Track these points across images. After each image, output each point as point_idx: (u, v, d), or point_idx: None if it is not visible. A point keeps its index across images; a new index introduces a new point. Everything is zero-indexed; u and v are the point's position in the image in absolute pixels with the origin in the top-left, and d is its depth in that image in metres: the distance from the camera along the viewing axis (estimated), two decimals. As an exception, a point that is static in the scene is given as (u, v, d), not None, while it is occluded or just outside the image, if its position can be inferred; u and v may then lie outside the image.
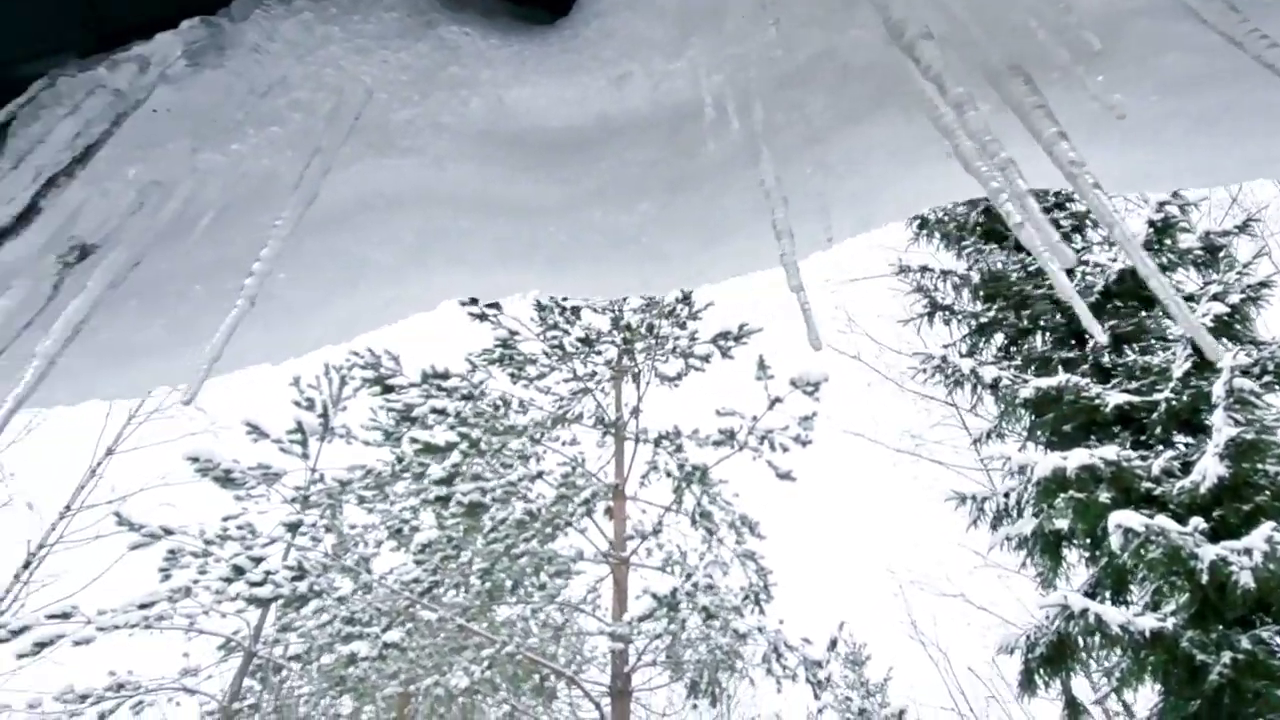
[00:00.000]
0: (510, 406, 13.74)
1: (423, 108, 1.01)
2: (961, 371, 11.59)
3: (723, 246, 1.09)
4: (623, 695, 10.52)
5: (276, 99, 1.01)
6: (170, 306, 1.26)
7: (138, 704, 10.12)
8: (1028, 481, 10.29)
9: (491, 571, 12.71)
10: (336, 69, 0.99)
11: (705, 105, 0.93)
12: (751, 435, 11.89)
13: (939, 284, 14.77)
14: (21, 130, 1.11)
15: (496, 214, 1.08)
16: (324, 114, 1.02)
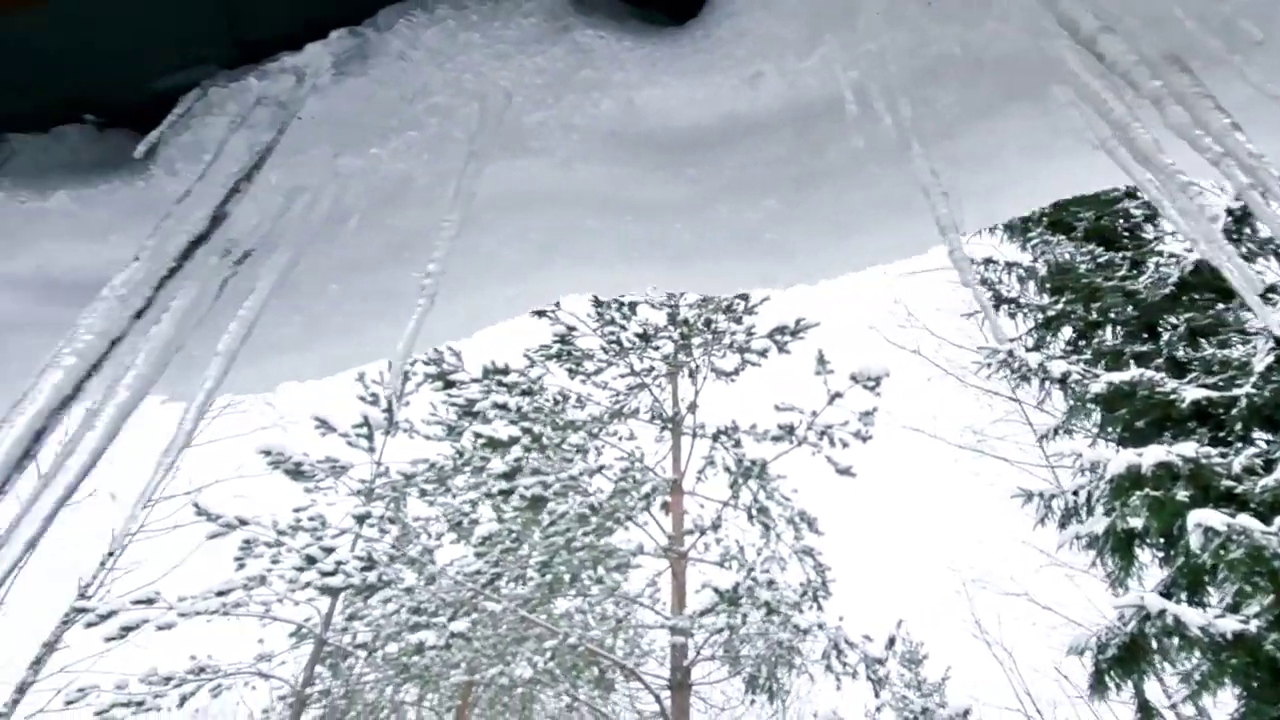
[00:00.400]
0: (568, 401, 13.87)
1: (555, 110, 1.04)
2: (1028, 366, 11.31)
3: (846, 242, 1.10)
4: (682, 688, 10.55)
5: (416, 105, 1.05)
6: (307, 304, 1.32)
7: (216, 687, 10.52)
8: (1100, 479, 10.01)
9: (550, 564, 12.86)
10: (476, 74, 1.02)
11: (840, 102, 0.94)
12: (811, 430, 11.79)
13: (1003, 276, 14.45)
14: (173, 139, 1.17)
15: (623, 212, 1.11)
16: (461, 119, 1.06)
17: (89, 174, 1.20)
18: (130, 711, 9.61)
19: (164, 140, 1.17)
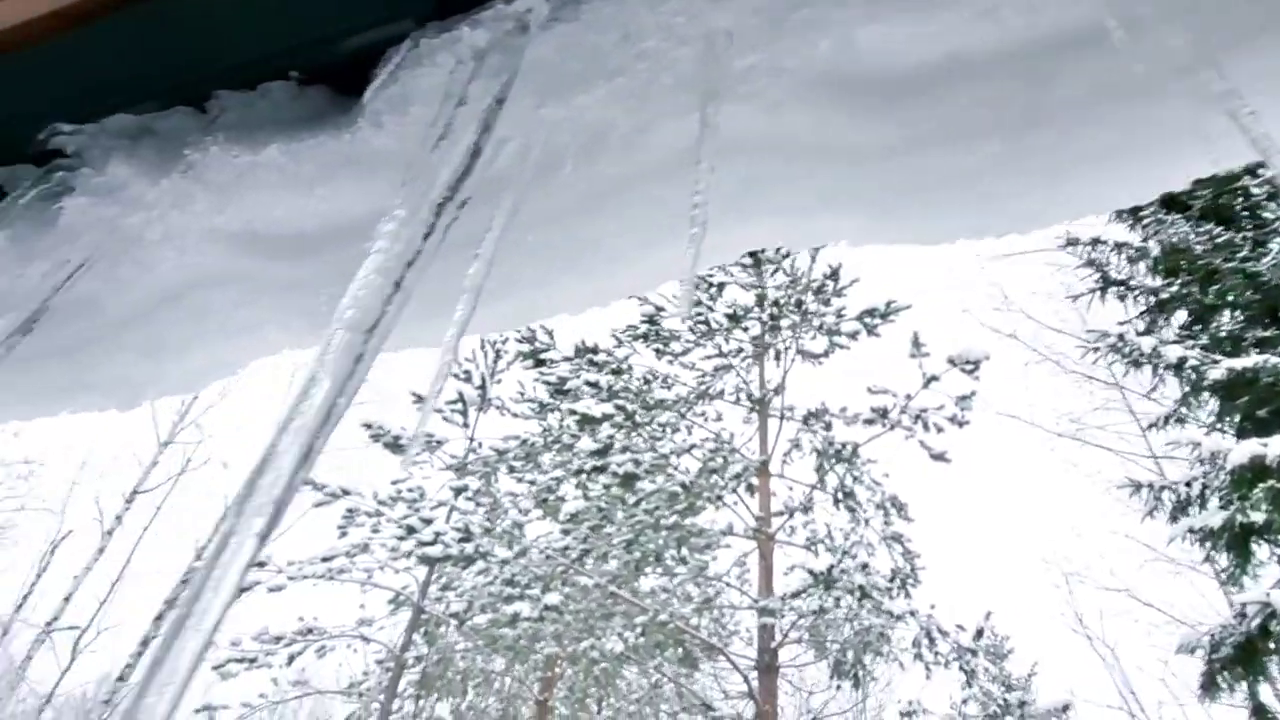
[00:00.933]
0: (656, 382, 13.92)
1: (767, 53, 1.02)
2: (1140, 351, 10.76)
3: (1064, 188, 1.05)
4: (770, 670, 10.53)
5: (626, 50, 1.05)
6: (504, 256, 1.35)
7: (320, 648, 11.04)
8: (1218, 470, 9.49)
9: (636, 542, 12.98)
10: (689, 17, 1.01)
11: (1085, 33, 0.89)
12: (904, 414, 11.52)
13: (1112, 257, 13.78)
14: (380, 93, 1.20)
15: (828, 159, 1.08)
16: (671, 63, 1.05)
17: (296, 128, 1.24)
18: (244, 667, 10.17)
19: (370, 93, 1.20)
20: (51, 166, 1.46)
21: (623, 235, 1.22)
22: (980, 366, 10.69)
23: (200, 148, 1.26)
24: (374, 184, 1.24)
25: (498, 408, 13.55)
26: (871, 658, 13.97)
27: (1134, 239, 13.83)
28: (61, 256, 1.37)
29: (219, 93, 1.31)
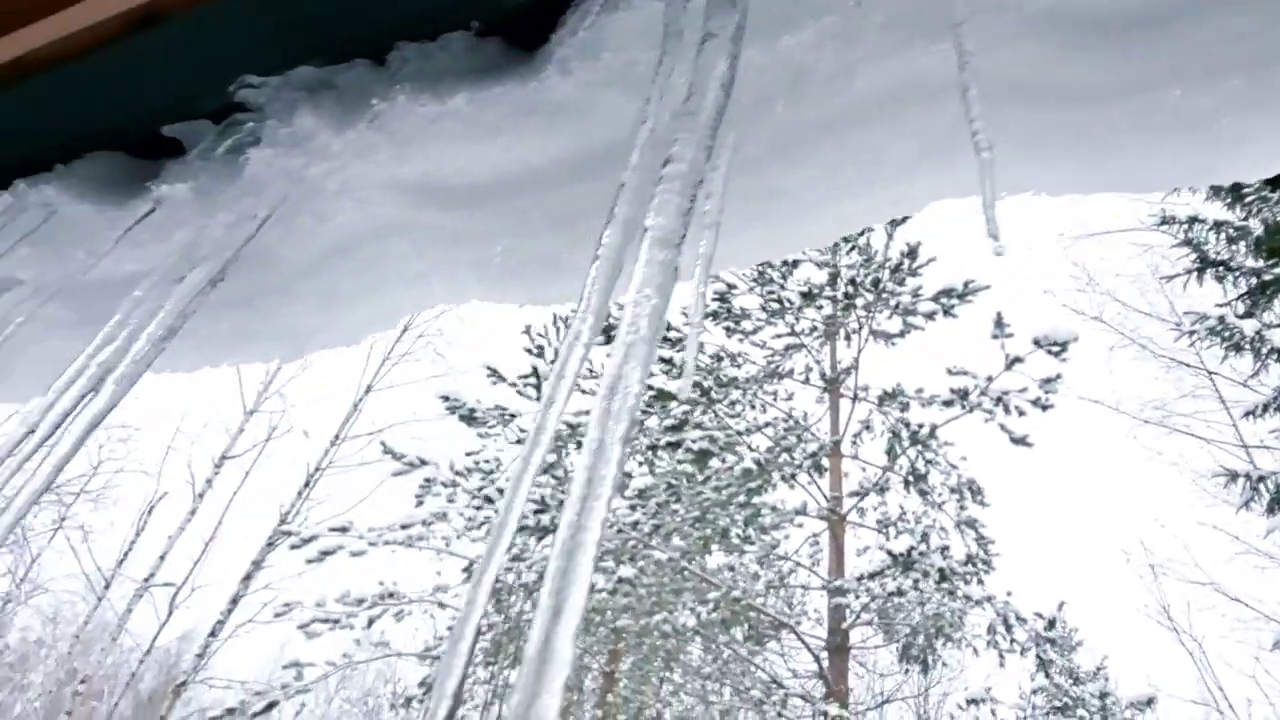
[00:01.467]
0: (726, 361, 13.84)
1: (991, -13, 0.98)
2: (1242, 334, 10.24)
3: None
4: (841, 651, 10.47)
5: (837, -13, 1.02)
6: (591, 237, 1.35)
7: (399, 612, 11.38)
8: (1326, 461, 9.01)
9: (704, 519, 13.00)
10: (908, -50, 0.98)
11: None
12: (985, 396, 11.23)
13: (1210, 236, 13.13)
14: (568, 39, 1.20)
15: (1046, 100, 1.04)
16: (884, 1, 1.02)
17: (480, 78, 1.25)
18: (327, 627, 10.56)
19: (557, 41, 1.20)
20: (231, 121, 1.51)
21: (813, 185, 1.19)
22: (1068, 348, 10.33)
23: (387, 98, 1.28)
24: (557, 133, 1.25)
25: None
26: (943, 642, 13.77)
27: (1234, 218, 13.16)
28: (246, 208, 1.42)
29: (400, 44, 1.33)
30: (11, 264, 1.63)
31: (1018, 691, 18.71)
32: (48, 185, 1.58)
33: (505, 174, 1.31)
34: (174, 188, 1.46)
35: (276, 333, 1.66)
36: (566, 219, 1.31)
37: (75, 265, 1.60)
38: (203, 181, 1.46)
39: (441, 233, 1.41)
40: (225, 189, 1.43)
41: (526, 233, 1.34)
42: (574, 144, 1.24)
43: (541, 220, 1.33)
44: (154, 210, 1.46)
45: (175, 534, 12.96)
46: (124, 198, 1.57)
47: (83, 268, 1.61)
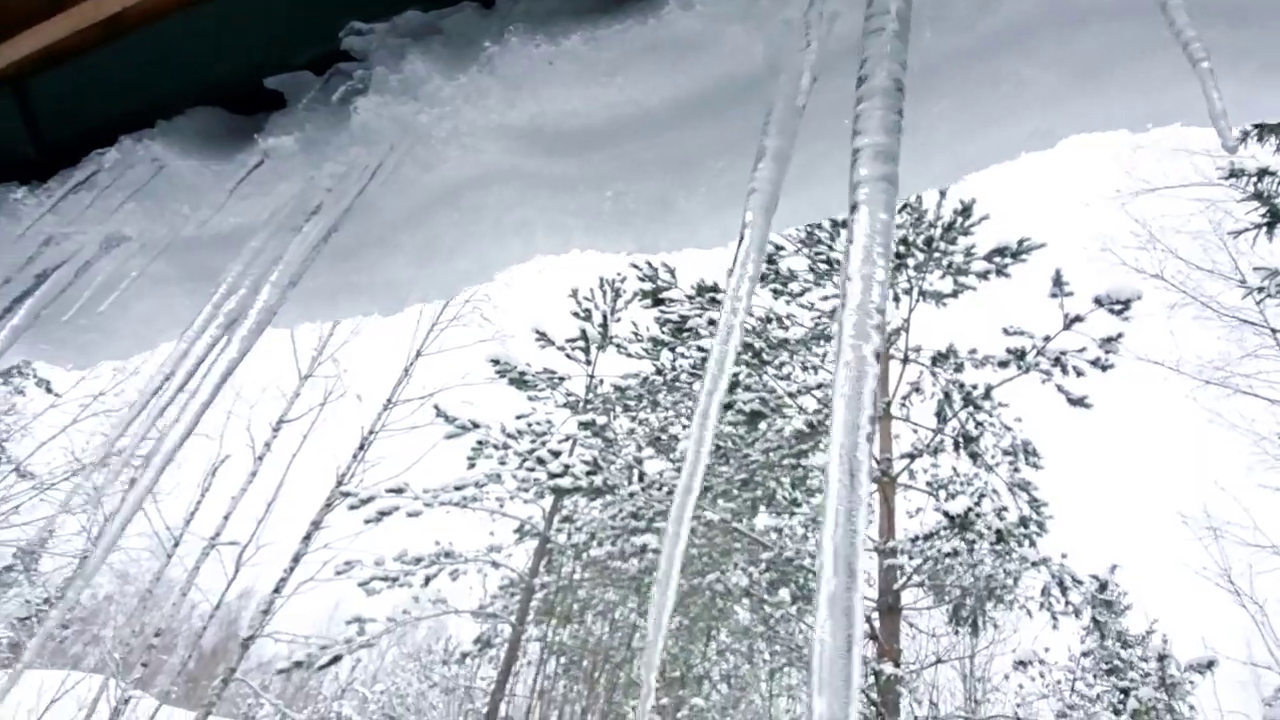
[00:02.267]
0: (774, 322, 13.72)
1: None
2: (1317, 290, 9.83)
3: None
4: (893, 611, 10.46)
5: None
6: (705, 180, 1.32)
7: (454, 571, 11.65)
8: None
9: (752, 482, 13.01)
10: None
11: None
12: (1042, 357, 10.97)
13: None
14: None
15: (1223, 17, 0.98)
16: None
17: (598, 16, 1.22)
18: (386, 585, 10.85)
19: None
20: (335, 71, 1.50)
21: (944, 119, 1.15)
22: (1130, 306, 10.03)
23: (499, 41, 1.25)
24: (676, 72, 1.21)
25: (617, 346, 13.68)
26: (994, 604, 13.68)
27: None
28: (354, 158, 1.41)
29: (508, -15, 1.30)
30: (118, 220, 1.66)
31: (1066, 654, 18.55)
32: (153, 141, 1.59)
33: (619, 116, 1.28)
34: (280, 140, 1.46)
35: (375, 286, 1.67)
36: (681, 161, 1.29)
37: (180, 220, 1.62)
38: (309, 132, 1.45)
39: (548, 179, 1.39)
40: (332, 139, 1.43)
41: (638, 177, 1.32)
42: (692, 83, 1.21)
43: (654, 163, 1.31)
44: (262, 163, 1.47)
45: (238, 495, 13.36)
46: (227, 152, 1.57)
47: (187, 223, 1.63)
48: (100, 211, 1.64)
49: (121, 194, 1.62)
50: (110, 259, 1.67)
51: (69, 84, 1.77)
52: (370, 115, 1.37)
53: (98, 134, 1.68)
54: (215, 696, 11.48)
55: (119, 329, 1.95)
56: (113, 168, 1.62)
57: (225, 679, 11.39)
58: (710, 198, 1.32)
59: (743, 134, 1.24)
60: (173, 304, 1.85)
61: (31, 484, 13.92)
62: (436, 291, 1.68)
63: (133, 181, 1.61)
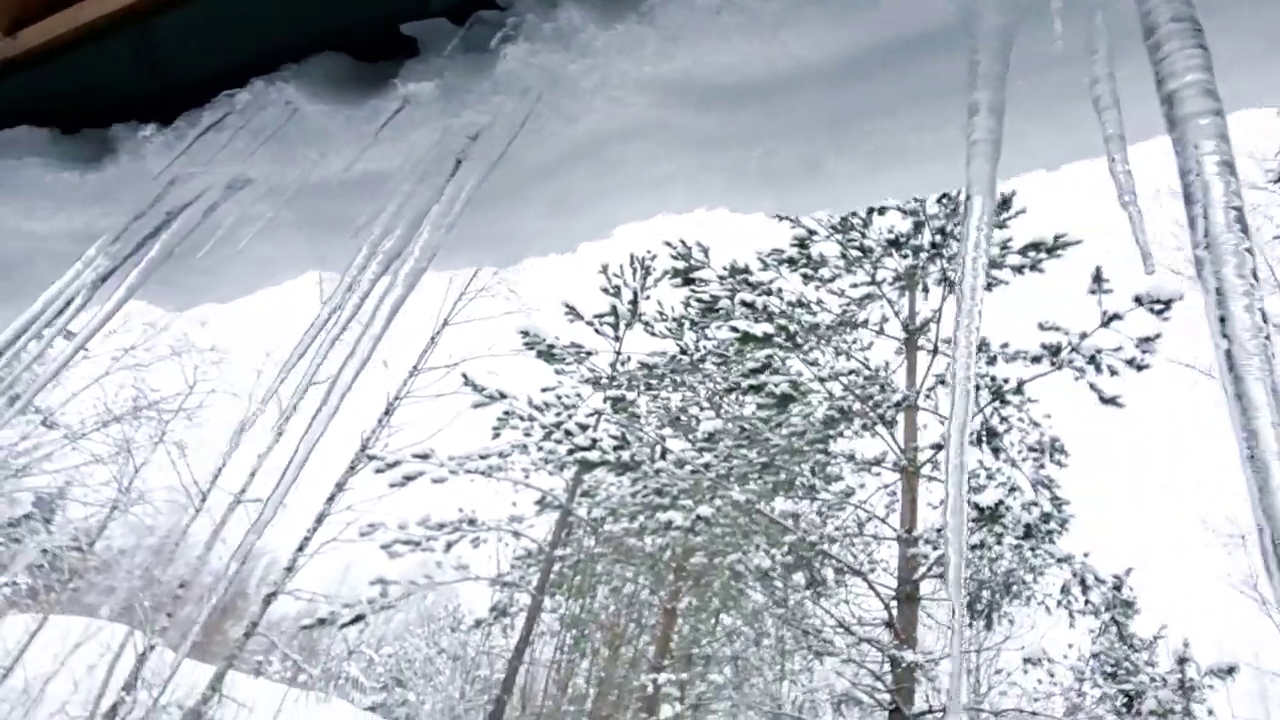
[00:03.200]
0: (803, 307, 13.67)
1: None
2: (1363, 298, 9.66)
3: None
4: (911, 600, 10.48)
5: None
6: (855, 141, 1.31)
7: (475, 539, 11.76)
8: None
9: (772, 466, 13.01)
10: None
11: None
12: (1077, 353, 10.88)
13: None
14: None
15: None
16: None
17: (768, -31, 1.21)
18: (409, 549, 10.98)
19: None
20: (475, 19, 1.50)
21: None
22: (1171, 306, 9.91)
23: (664, -11, 1.25)
24: (844, 25, 1.20)
25: (645, 324, 13.69)
26: (1010, 600, 13.69)
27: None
28: (496, 107, 1.41)
29: (670, -65, 1.29)
30: (244, 163, 1.67)
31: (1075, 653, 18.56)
32: (286, 84, 1.60)
33: (778, 72, 1.27)
34: (420, 86, 1.46)
35: (498, 237, 1.67)
36: (837, 120, 1.28)
37: (308, 165, 1.63)
38: (448, 80, 1.45)
39: (695, 134, 1.39)
40: (473, 87, 1.43)
41: (791, 135, 1.31)
42: (860, 39, 1.20)
43: (809, 122, 1.30)
44: (402, 108, 1.47)
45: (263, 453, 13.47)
46: (359, 97, 1.57)
47: (315, 168, 1.64)
48: (228, 153, 1.65)
49: (249, 137, 1.63)
50: (234, 202, 1.68)
51: (193, 24, 1.78)
52: (517, 64, 1.37)
53: (226, 76, 1.69)
54: (237, 649, 11.70)
55: (229, 272, 1.97)
56: (244, 110, 1.63)
57: (248, 632, 11.59)
58: (860, 160, 1.31)
59: (899, 96, 1.23)
60: (290, 249, 1.86)
61: (63, 432, 14.16)
62: (556, 245, 1.69)
63: (263, 125, 1.61)
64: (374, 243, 1.26)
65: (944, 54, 1.13)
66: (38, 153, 1.90)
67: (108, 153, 1.85)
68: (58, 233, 2.03)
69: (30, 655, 12.71)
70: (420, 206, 1.32)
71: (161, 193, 1.69)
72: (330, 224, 1.76)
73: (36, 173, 1.92)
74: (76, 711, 11.36)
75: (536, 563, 13.40)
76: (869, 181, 1.32)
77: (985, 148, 0.84)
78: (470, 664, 28.56)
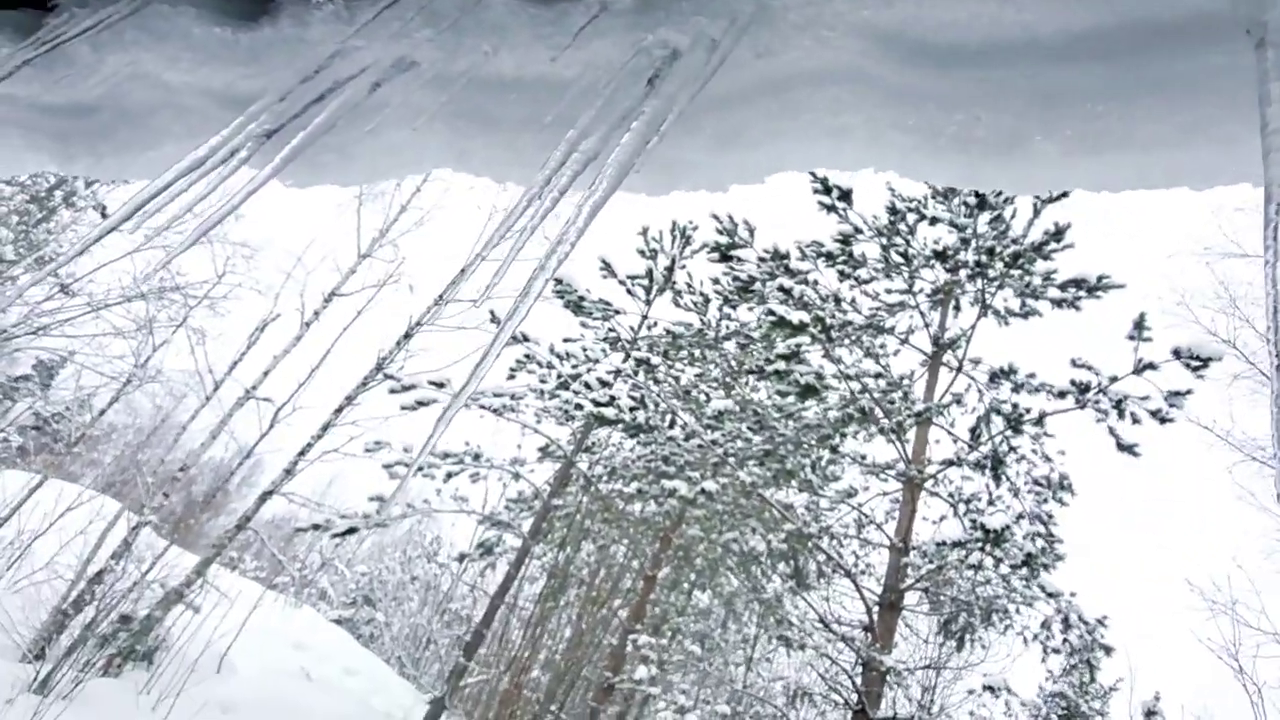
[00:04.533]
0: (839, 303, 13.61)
1: None
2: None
3: None
4: (893, 609, 10.56)
5: None
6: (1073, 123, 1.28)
7: (476, 474, 11.85)
8: None
9: (773, 454, 13.04)
10: None
11: None
12: (1104, 395, 10.83)
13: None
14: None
15: None
16: None
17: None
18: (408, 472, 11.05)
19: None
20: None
21: None
22: (1209, 365, 9.84)
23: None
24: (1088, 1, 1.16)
25: (675, 293, 13.65)
26: (987, 627, 13.78)
27: None
28: (694, 27, 1.39)
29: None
30: (412, 45, 1.64)
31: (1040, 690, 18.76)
32: (471, -31, 1.57)
33: (1000, 38, 1.24)
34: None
35: (655, 163, 1.65)
36: (1057, 98, 1.25)
37: (480, 59, 1.61)
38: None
39: (895, 89, 1.36)
40: (674, 4, 1.40)
41: (999, 106, 1.28)
42: (1104, 17, 1.17)
43: (1022, 95, 1.27)
44: (599, 15, 1.45)
45: (279, 355, 13.59)
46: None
47: (486, 62, 1.61)
48: (397, 32, 1.63)
49: (424, 20, 1.61)
50: (394, 85, 1.66)
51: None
52: (723, -15, 1.34)
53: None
54: (226, 539, 11.87)
55: (359, 155, 1.95)
56: (423, -12, 1.60)
57: (240, 524, 11.75)
58: (1068, 142, 1.28)
59: (1142, 83, 1.20)
60: (429, 141, 1.84)
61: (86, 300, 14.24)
62: (710, 182, 1.67)
63: (442, 9, 1.59)
64: (572, 141, 1.24)
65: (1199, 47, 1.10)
66: (193, 1, 1.88)
67: (266, 14, 1.83)
68: (193, 88, 2.01)
69: (25, 512, 12.91)
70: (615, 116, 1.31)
71: (325, 63, 1.67)
72: (484, 123, 1.74)
73: (188, 22, 1.89)
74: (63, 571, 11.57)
75: (531, 508, 13.51)
76: (1070, 166, 1.29)
77: None
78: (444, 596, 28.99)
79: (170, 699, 11.79)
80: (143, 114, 2.27)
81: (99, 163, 2.63)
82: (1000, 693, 18.06)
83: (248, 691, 13.19)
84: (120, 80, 2.20)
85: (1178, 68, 1.12)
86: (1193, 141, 1.20)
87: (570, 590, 15.30)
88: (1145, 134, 1.23)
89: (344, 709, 14.30)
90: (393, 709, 15.26)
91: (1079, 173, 1.31)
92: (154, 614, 11.49)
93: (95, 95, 2.29)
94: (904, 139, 1.40)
